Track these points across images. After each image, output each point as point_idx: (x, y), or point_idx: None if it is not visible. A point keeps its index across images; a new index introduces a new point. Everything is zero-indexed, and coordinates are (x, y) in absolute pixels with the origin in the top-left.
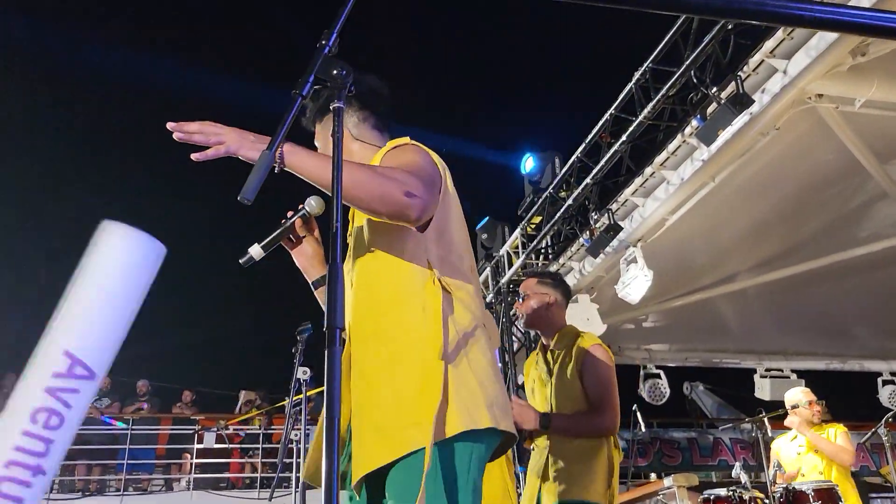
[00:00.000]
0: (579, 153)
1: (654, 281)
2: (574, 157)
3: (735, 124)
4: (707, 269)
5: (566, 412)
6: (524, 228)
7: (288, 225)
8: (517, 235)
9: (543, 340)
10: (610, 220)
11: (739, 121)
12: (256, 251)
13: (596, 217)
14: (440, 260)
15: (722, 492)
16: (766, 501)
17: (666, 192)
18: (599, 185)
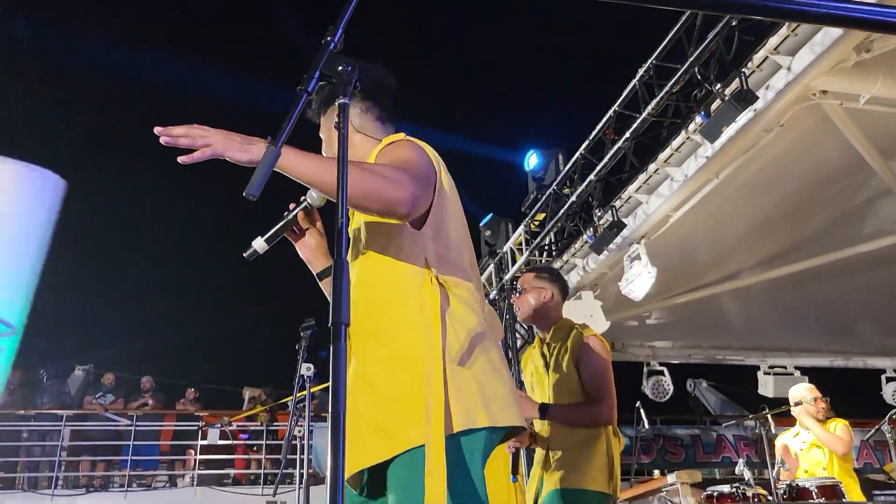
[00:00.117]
0: (583, 150)
1: (657, 278)
2: (578, 153)
3: (739, 121)
4: (711, 265)
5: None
6: (528, 225)
7: (290, 217)
8: (521, 232)
9: (540, 334)
10: (613, 216)
11: (743, 117)
12: (260, 244)
13: (599, 214)
14: (438, 257)
15: (725, 488)
16: (770, 498)
17: (670, 189)
18: (603, 181)
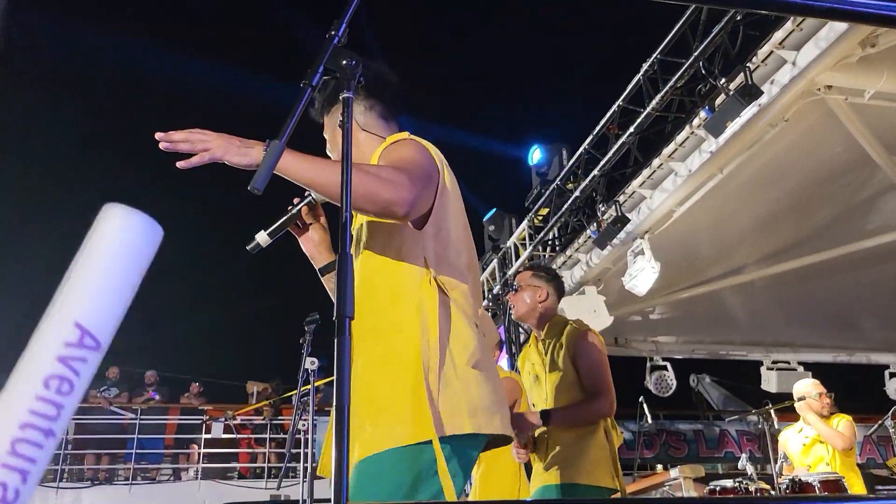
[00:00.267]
0: (587, 145)
1: (661, 273)
2: (582, 148)
3: (743, 116)
4: (714, 260)
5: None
6: (531, 220)
7: (294, 212)
8: (524, 227)
9: (535, 333)
10: (617, 211)
11: (748, 112)
12: (263, 238)
13: (603, 209)
14: (437, 257)
15: (728, 483)
16: (773, 493)
17: (673, 184)
18: (607, 176)
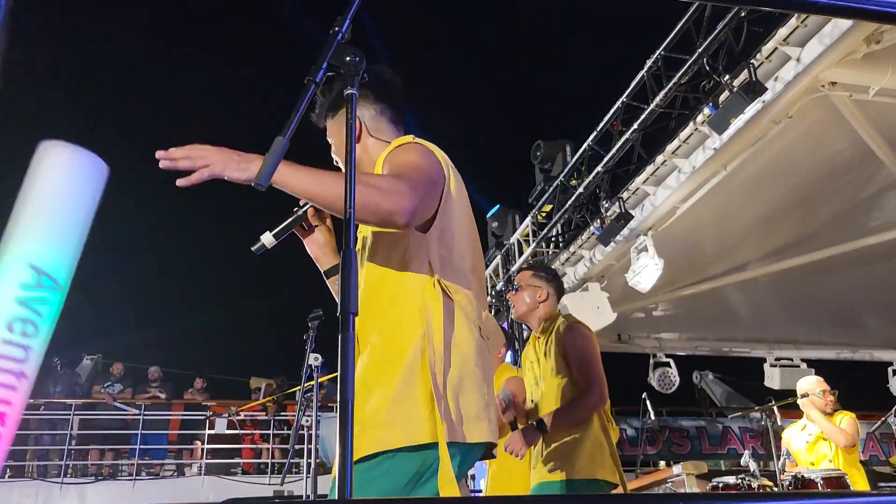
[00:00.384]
0: (590, 141)
1: (664, 269)
2: (585, 145)
3: (747, 112)
4: (718, 257)
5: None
6: (535, 216)
7: (300, 213)
8: (528, 223)
9: (534, 332)
10: (621, 208)
11: (752, 109)
12: (268, 239)
13: (607, 205)
14: (441, 260)
15: (731, 480)
16: (775, 489)
17: (677, 181)
18: (610, 173)
